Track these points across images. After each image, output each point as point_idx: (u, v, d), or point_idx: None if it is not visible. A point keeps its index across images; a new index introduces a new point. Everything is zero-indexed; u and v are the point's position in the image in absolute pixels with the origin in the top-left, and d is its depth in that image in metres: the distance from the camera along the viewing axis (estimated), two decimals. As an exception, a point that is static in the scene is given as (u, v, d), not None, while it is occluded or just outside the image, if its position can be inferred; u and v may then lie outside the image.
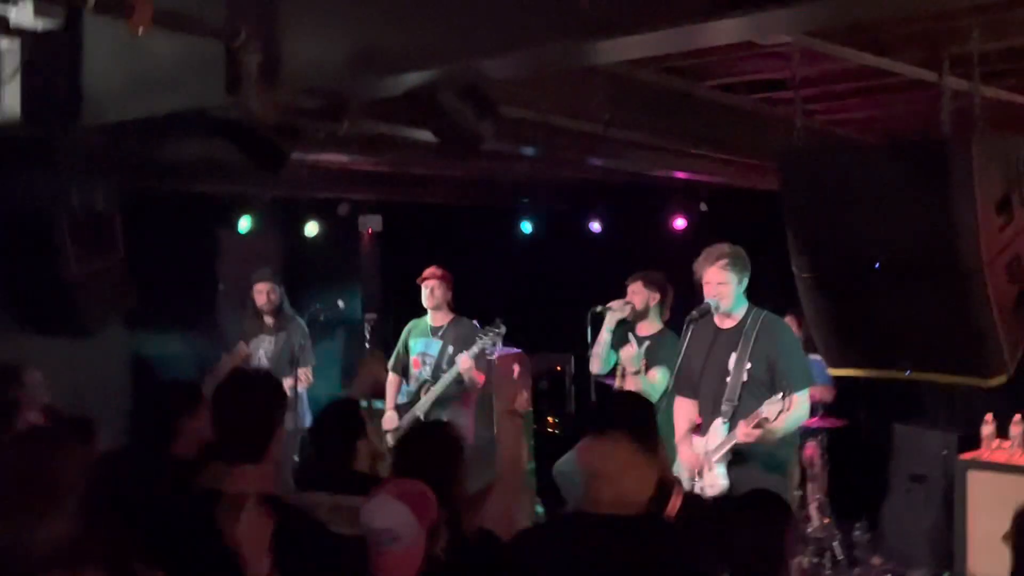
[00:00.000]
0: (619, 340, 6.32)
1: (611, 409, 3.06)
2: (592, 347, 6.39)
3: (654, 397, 5.59)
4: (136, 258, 6.89)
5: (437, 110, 3.64)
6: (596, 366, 6.41)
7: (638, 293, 6.40)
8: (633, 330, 6.32)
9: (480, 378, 6.79)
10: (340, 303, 7.92)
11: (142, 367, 7.72)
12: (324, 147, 5.42)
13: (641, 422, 2.97)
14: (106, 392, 6.98)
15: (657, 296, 6.38)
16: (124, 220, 6.90)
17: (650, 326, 6.35)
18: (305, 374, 7.06)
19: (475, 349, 6.70)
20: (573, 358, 9.62)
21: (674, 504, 2.87)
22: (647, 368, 6.14)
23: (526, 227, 10.06)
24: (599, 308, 6.39)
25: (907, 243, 3.93)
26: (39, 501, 2.62)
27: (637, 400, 3.20)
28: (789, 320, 5.50)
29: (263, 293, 7.34)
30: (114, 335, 7.15)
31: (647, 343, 6.23)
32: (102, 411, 4.85)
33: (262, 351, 7.30)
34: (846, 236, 4.07)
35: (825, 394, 7.05)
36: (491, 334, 6.71)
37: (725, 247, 5.21)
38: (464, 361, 6.66)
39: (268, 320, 7.36)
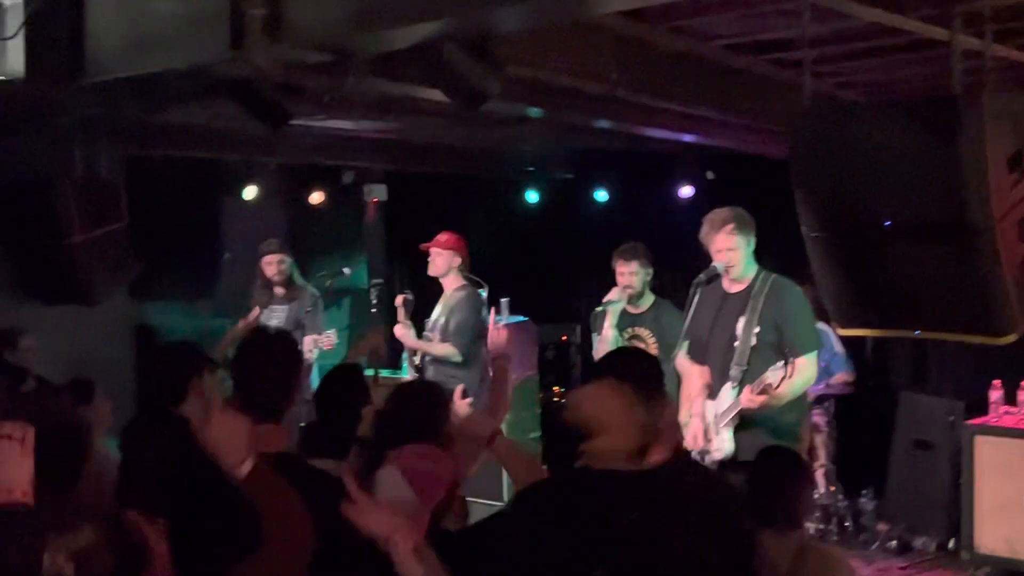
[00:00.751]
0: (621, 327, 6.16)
1: (609, 359, 2.99)
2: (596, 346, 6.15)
3: None
4: (140, 224, 6.89)
5: (443, 65, 3.60)
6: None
7: (636, 273, 6.18)
8: (625, 312, 6.16)
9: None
10: (346, 271, 7.91)
11: (145, 333, 7.70)
12: (329, 110, 5.38)
13: (640, 372, 2.90)
14: (109, 357, 6.97)
15: (651, 270, 6.25)
16: (128, 186, 6.89)
17: (644, 302, 6.22)
18: (329, 338, 7.05)
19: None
20: (579, 328, 9.61)
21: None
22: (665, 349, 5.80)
23: (532, 196, 10.01)
24: (599, 308, 6.14)
25: (917, 202, 3.89)
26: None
27: (638, 352, 3.16)
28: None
29: (272, 264, 7.32)
30: (118, 301, 7.14)
31: (645, 319, 6.11)
32: (104, 375, 4.84)
33: (274, 321, 7.28)
34: (855, 195, 4.03)
35: (847, 379, 7.05)
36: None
37: (727, 212, 5.13)
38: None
39: (279, 290, 7.35)
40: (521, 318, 7.91)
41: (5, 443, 2.33)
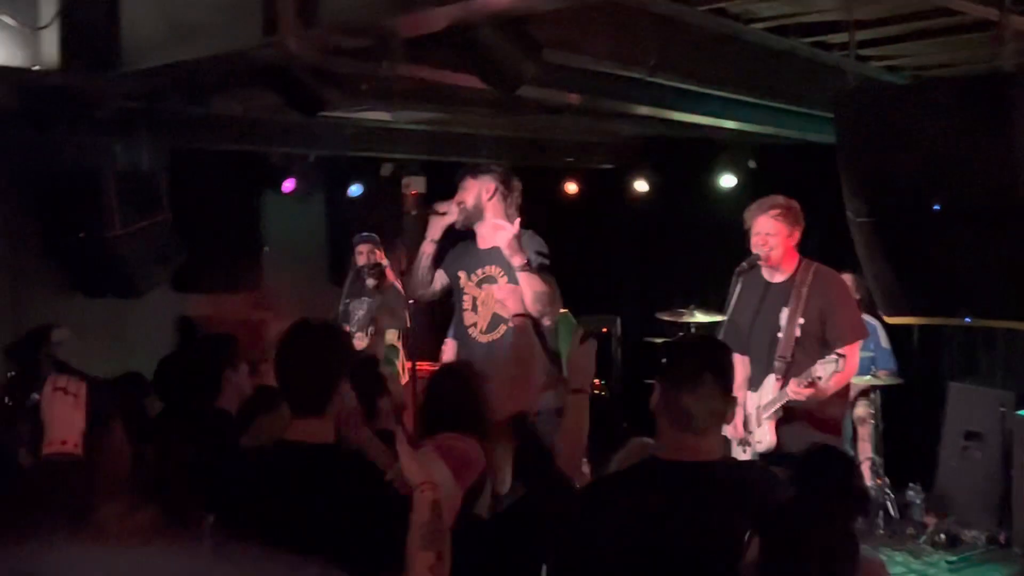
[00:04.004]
0: (459, 259, 5.13)
1: (695, 355, 2.89)
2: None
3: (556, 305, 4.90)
4: (181, 217, 6.91)
5: (478, 49, 3.55)
6: (413, 288, 5.19)
7: (467, 188, 5.04)
8: (473, 242, 5.11)
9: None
10: (385, 262, 7.92)
11: (187, 326, 7.75)
12: (365, 99, 5.34)
13: (725, 368, 2.84)
14: (151, 349, 7.01)
15: (492, 186, 5.03)
16: (169, 179, 6.92)
17: (493, 231, 4.95)
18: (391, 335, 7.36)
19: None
20: (619, 320, 9.54)
21: None
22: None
23: (571, 187, 9.93)
24: (413, 211, 5.18)
25: (967, 184, 3.80)
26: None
27: (717, 344, 3.07)
28: (844, 277, 5.34)
29: (363, 254, 7.60)
30: (160, 294, 7.19)
31: (495, 255, 4.95)
32: (147, 368, 4.85)
33: (360, 311, 7.51)
34: (903, 179, 3.94)
35: (889, 379, 6.87)
36: None
37: (779, 198, 5.04)
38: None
39: (369, 281, 7.52)
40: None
41: (59, 396, 2.41)
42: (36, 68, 4.08)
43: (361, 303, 7.54)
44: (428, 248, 5.10)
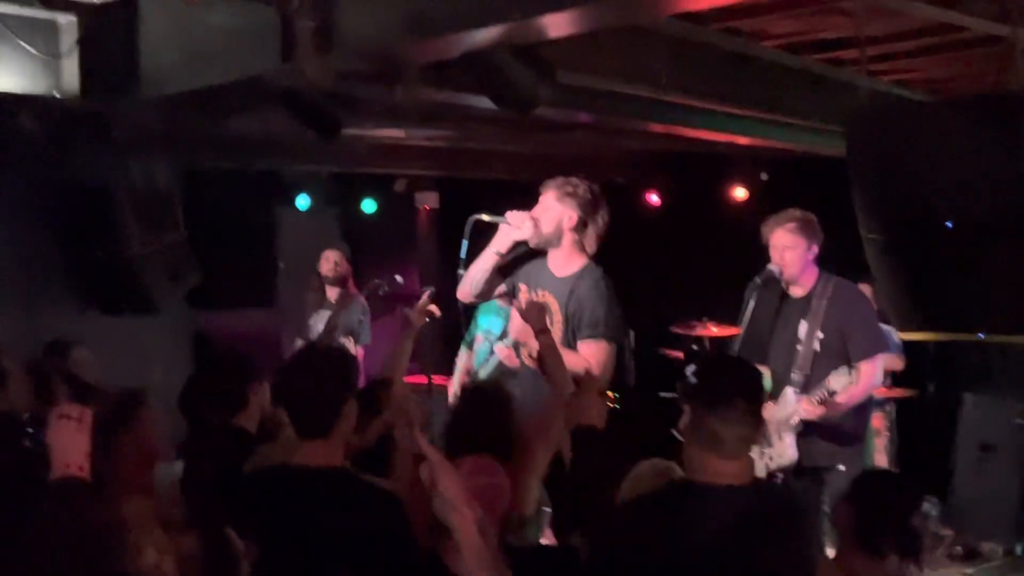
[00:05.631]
0: (527, 272, 4.74)
1: (727, 379, 2.86)
2: (466, 265, 4.63)
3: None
4: (196, 235, 6.96)
5: (493, 73, 3.59)
6: (464, 291, 4.75)
7: (549, 209, 4.53)
8: (544, 266, 4.67)
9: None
10: (398, 278, 7.93)
11: (203, 343, 7.79)
12: (381, 119, 5.39)
13: (757, 392, 2.83)
14: (167, 367, 7.05)
15: (575, 215, 4.56)
16: (184, 197, 6.97)
17: (566, 261, 4.57)
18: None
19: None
20: (633, 333, 9.54)
21: None
22: (570, 333, 4.53)
23: (584, 201, 9.94)
24: (487, 217, 4.56)
25: (979, 201, 3.80)
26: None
27: (749, 368, 3.05)
28: (863, 288, 5.34)
29: (330, 260, 7.36)
30: (176, 311, 7.23)
31: (559, 286, 4.59)
32: (162, 385, 4.88)
33: (320, 324, 7.33)
34: (916, 196, 3.94)
35: (895, 363, 6.85)
36: None
37: (796, 212, 5.04)
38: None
39: (331, 293, 7.37)
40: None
41: (64, 423, 2.50)
42: (57, 95, 4.14)
43: (321, 316, 7.33)
44: (492, 260, 4.62)
